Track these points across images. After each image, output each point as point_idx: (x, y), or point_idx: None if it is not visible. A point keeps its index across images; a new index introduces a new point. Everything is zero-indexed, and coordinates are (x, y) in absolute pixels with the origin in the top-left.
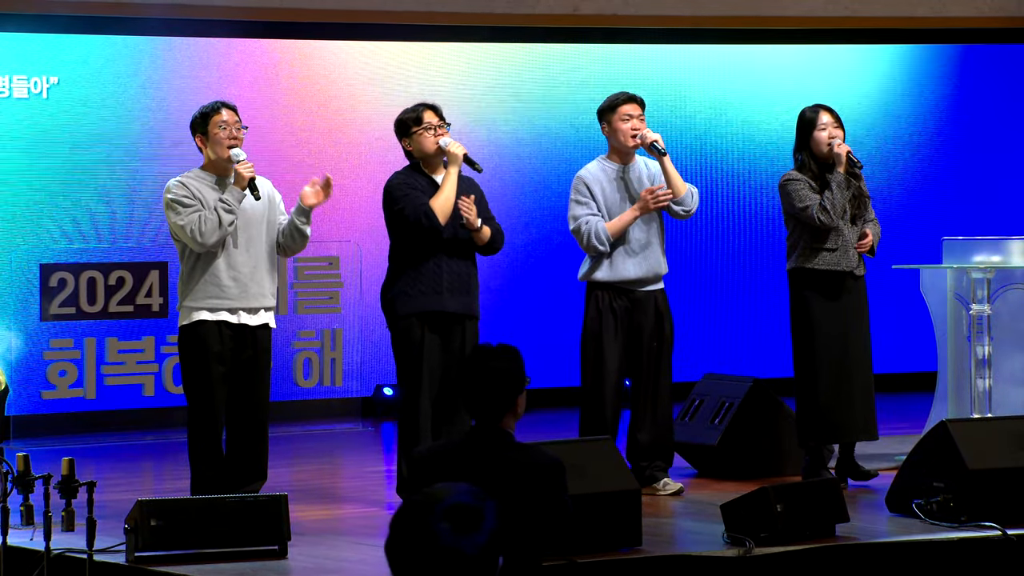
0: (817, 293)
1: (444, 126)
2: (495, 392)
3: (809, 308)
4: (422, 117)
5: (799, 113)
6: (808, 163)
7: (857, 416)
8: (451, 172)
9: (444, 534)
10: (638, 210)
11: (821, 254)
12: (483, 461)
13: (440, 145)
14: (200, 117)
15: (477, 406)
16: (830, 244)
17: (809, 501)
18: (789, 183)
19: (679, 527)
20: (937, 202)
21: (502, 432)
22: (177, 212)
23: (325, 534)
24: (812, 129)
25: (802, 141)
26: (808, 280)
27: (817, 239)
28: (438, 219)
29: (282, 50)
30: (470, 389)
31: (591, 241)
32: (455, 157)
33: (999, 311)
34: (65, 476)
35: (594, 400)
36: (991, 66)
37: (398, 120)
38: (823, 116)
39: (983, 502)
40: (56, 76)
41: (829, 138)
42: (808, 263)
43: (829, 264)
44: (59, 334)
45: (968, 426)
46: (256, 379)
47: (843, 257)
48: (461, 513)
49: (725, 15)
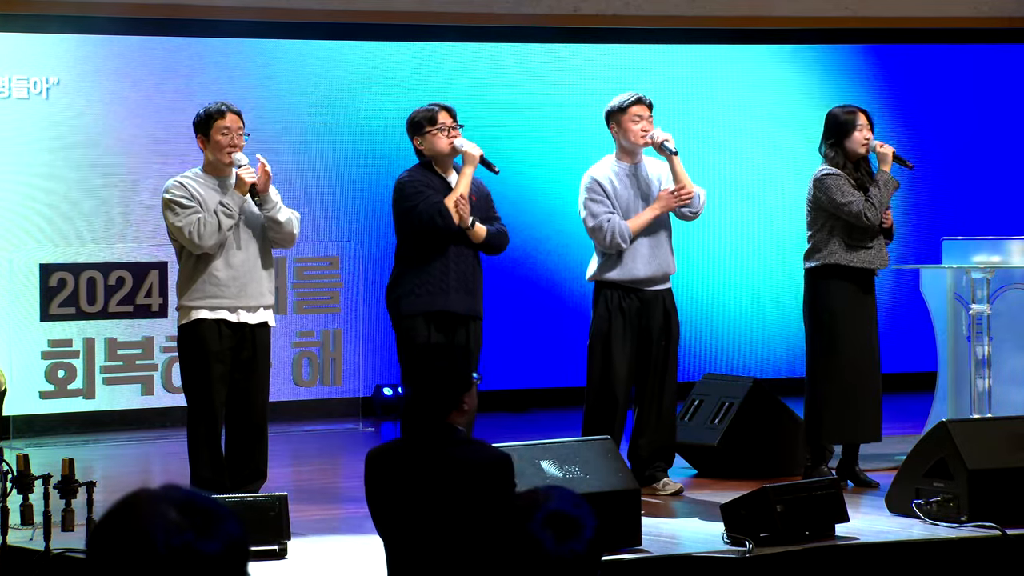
0: (847, 291)
1: (458, 127)
2: (439, 390)
3: (835, 305)
4: (436, 118)
5: (829, 113)
6: (843, 162)
7: (870, 417)
8: (466, 172)
9: (547, 541)
10: (658, 209)
11: (860, 251)
12: (429, 458)
13: (455, 146)
14: (204, 118)
15: (423, 404)
16: (868, 242)
17: (809, 501)
18: (829, 178)
19: (679, 527)
20: (937, 202)
21: (449, 429)
22: (176, 213)
23: (325, 534)
24: (851, 129)
25: (835, 140)
26: (839, 277)
27: (855, 236)
28: (452, 219)
29: (281, 50)
30: (415, 387)
31: (614, 239)
32: (471, 158)
33: (999, 311)
34: (64, 476)
35: (601, 400)
36: (991, 66)
37: (411, 119)
38: (860, 118)
39: (983, 502)
40: (56, 76)
41: (865, 139)
42: (844, 260)
43: (864, 262)
44: (59, 334)
45: (968, 426)
46: (256, 378)
47: (877, 256)
48: (562, 520)
49: (726, 15)
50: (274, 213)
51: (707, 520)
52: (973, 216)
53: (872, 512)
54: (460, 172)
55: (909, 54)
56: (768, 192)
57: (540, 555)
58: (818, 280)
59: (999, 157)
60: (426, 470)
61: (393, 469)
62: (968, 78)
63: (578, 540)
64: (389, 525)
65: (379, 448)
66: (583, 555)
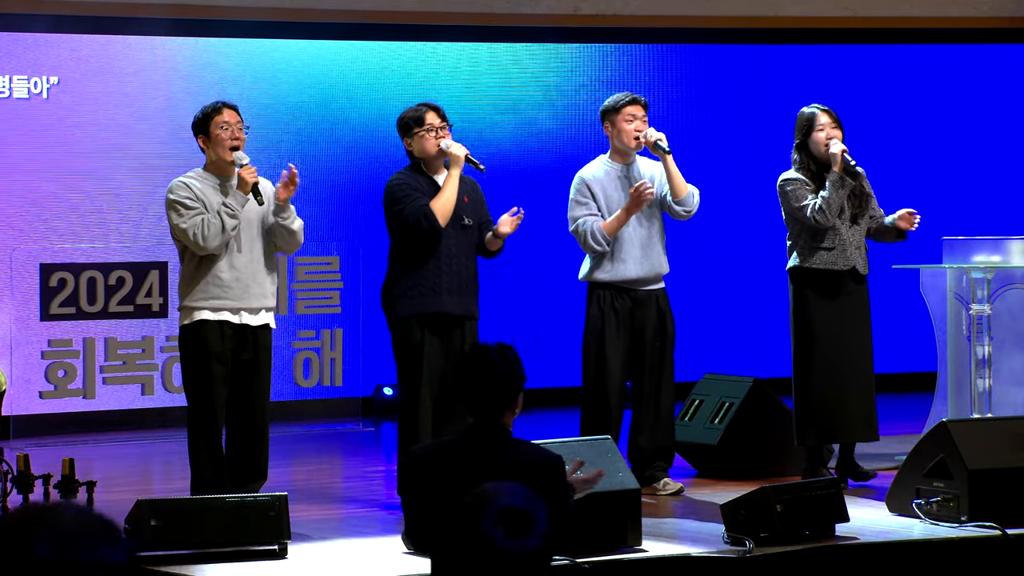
0: (815, 292)
1: (446, 127)
2: (496, 390)
3: (807, 307)
4: (424, 118)
5: (797, 113)
6: (807, 163)
7: (853, 416)
8: (452, 174)
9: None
10: (628, 209)
11: (819, 253)
12: (482, 459)
13: (441, 147)
14: (202, 117)
15: (477, 404)
16: (827, 243)
17: (809, 501)
18: (787, 183)
19: (679, 527)
20: (937, 202)
21: (501, 429)
22: (179, 214)
23: (325, 534)
24: (811, 130)
25: (800, 141)
26: (806, 279)
27: (815, 238)
28: (438, 221)
29: (283, 50)
30: (470, 387)
31: (588, 241)
32: (457, 159)
33: (999, 311)
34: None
35: (596, 399)
36: (991, 66)
37: (400, 120)
38: (821, 117)
39: (983, 502)
40: (56, 76)
41: (827, 139)
42: (806, 262)
43: (826, 263)
44: (59, 334)
45: (968, 426)
46: (256, 379)
47: (840, 256)
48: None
49: (725, 15)
50: (289, 223)
51: (707, 520)
52: (973, 216)
53: (872, 512)
54: (447, 174)
55: (909, 54)
56: (767, 190)
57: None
58: (792, 283)
59: (999, 157)
60: (481, 471)
61: (444, 469)
62: (968, 78)
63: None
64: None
65: (424, 448)
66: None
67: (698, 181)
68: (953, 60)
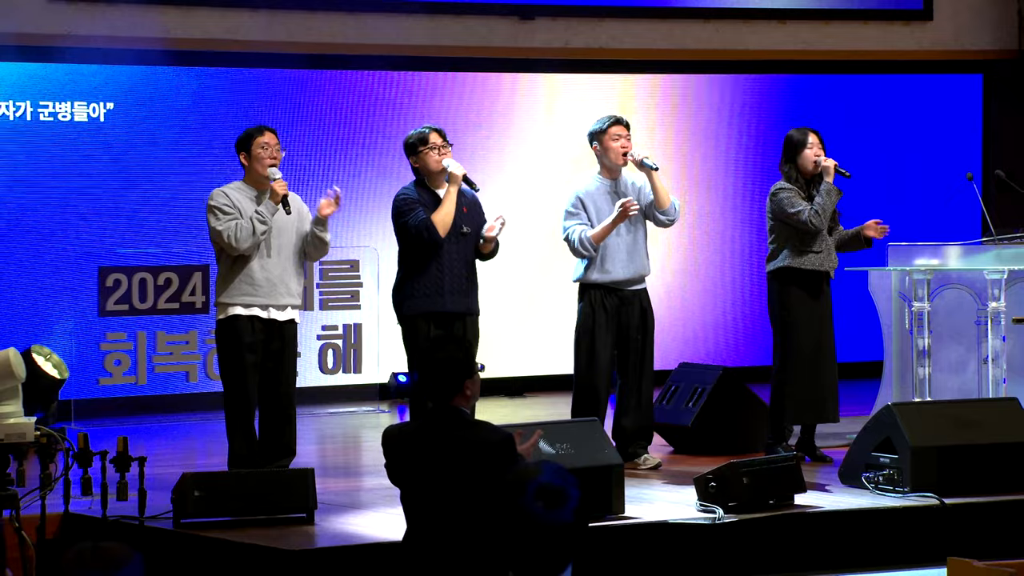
0: (800, 291)
1: (448, 146)
2: (439, 378)
3: (792, 304)
4: (428, 138)
5: (787, 134)
6: (796, 177)
7: (827, 401)
8: (451, 191)
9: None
10: (616, 219)
11: (808, 255)
12: (438, 439)
13: (444, 165)
14: (246, 137)
15: (428, 391)
16: (816, 247)
17: (772, 474)
18: (781, 191)
19: (657, 497)
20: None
21: (456, 412)
22: (217, 218)
23: (347, 504)
24: (802, 148)
25: (789, 157)
26: (793, 279)
27: (805, 242)
28: (438, 233)
29: (314, 80)
30: (423, 375)
31: (577, 247)
32: (455, 177)
33: (937, 308)
34: (120, 452)
35: (587, 386)
36: (930, 93)
37: (407, 140)
38: (811, 137)
39: (923, 475)
40: (112, 103)
41: (815, 156)
42: (795, 263)
43: (815, 265)
44: (114, 328)
45: (910, 409)
46: (284, 367)
47: (826, 259)
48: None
49: (697, 48)
50: (324, 235)
51: (682, 491)
52: (915, 225)
53: (827, 484)
54: (447, 190)
55: (858, 83)
56: (738, 204)
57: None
58: (775, 282)
59: (938, 174)
60: (437, 449)
61: (407, 448)
62: (910, 104)
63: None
64: (405, 496)
65: (393, 428)
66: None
67: (675, 194)
68: (897, 88)
